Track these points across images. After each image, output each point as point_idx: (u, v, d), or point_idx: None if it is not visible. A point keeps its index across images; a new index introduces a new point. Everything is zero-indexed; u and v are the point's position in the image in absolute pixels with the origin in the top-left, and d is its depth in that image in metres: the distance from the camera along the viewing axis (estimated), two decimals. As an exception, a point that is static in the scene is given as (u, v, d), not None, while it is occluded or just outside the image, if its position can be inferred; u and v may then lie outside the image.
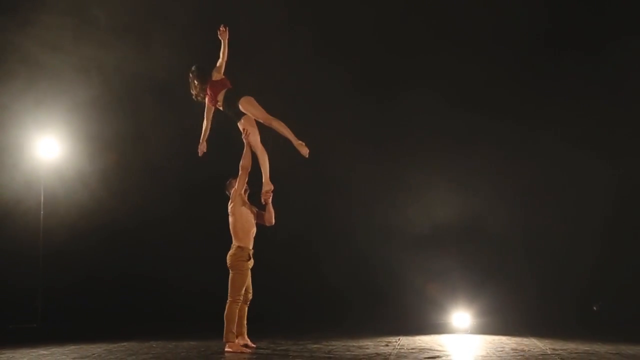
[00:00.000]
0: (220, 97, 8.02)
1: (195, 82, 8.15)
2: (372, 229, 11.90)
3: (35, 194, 11.67)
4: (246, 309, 8.04)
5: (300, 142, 7.86)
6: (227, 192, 8.11)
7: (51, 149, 11.63)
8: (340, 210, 11.76)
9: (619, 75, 11.43)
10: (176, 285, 11.60)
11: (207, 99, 8.15)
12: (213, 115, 8.22)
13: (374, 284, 11.82)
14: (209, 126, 8.23)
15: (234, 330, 7.68)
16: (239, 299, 7.74)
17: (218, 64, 8.15)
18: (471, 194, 11.83)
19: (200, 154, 8.18)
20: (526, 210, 11.72)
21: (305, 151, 7.87)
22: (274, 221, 8.11)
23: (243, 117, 7.95)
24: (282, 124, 7.89)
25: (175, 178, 11.70)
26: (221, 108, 8.11)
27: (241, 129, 7.98)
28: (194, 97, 8.23)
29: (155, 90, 11.83)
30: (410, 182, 12.02)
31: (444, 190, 11.84)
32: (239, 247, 7.87)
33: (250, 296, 8.02)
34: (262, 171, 7.98)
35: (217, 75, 8.10)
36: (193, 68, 8.19)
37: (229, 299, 7.74)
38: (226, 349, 7.63)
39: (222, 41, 8.18)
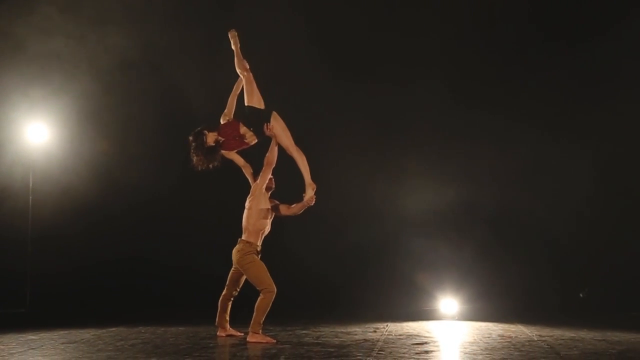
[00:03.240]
0: (242, 129, 7.62)
1: (194, 147, 7.61)
2: (360, 215, 11.90)
3: (24, 179, 11.63)
4: (230, 304, 7.92)
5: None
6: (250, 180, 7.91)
7: (40, 133, 11.58)
8: (328, 197, 11.74)
9: (598, 67, 11.50)
10: (166, 271, 11.57)
11: (225, 150, 7.73)
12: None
13: (362, 271, 11.84)
14: (246, 163, 8.00)
15: (262, 322, 7.52)
16: (272, 289, 7.50)
17: (227, 110, 7.81)
18: (459, 181, 11.84)
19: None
20: (514, 198, 11.75)
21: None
22: (299, 213, 7.88)
23: (273, 119, 7.59)
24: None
25: (167, 161, 11.66)
26: (250, 139, 7.69)
27: (266, 130, 7.63)
28: (199, 167, 7.67)
29: (147, 73, 11.77)
30: (398, 169, 12.02)
31: (432, 177, 11.85)
32: (247, 242, 7.68)
33: (235, 293, 7.94)
34: (303, 174, 7.61)
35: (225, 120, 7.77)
36: (190, 137, 7.66)
37: (262, 291, 7.52)
38: (248, 339, 7.53)
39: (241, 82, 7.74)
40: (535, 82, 11.66)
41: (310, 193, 7.65)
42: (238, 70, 7.80)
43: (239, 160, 8.01)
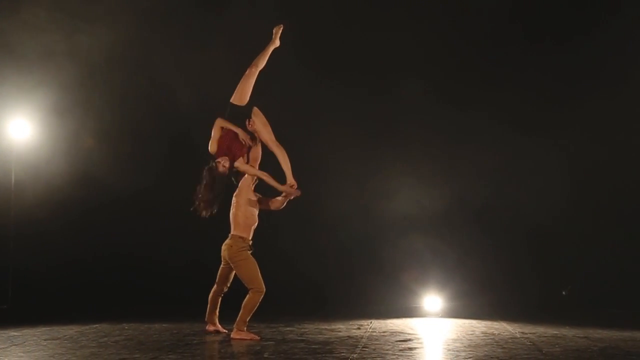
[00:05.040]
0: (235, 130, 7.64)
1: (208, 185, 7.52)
2: (345, 213, 11.90)
3: (5, 174, 11.52)
4: (220, 300, 7.90)
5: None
6: (233, 179, 7.83)
7: (23, 129, 11.48)
8: (313, 195, 11.75)
9: (578, 67, 11.61)
10: (151, 267, 11.52)
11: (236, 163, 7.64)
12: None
13: (347, 268, 11.86)
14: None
15: (247, 320, 7.51)
16: (262, 289, 7.49)
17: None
18: (443, 180, 11.90)
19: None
20: (497, 197, 11.81)
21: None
22: (281, 208, 7.91)
23: (253, 115, 7.68)
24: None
25: (150, 155, 11.64)
26: (246, 138, 7.66)
27: (249, 126, 7.69)
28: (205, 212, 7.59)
29: (131, 69, 11.72)
30: (384, 169, 12.06)
31: (416, 176, 11.88)
32: (239, 237, 7.63)
33: (225, 289, 7.90)
34: (284, 169, 7.63)
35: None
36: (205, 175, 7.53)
37: (251, 290, 7.50)
38: (232, 335, 7.51)
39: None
40: (517, 81, 11.71)
41: (288, 188, 7.66)
42: (255, 62, 7.82)
43: (253, 170, 7.78)
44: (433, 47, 11.74)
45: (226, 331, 7.85)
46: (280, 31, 8.00)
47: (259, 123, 7.67)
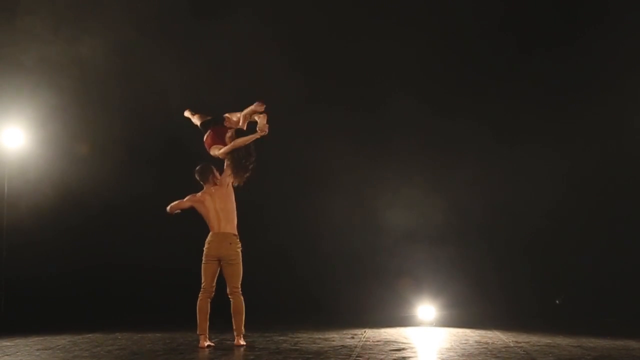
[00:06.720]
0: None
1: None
2: (339, 223, 11.93)
3: (-1, 184, 11.53)
4: (209, 305, 7.64)
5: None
6: (200, 177, 7.80)
7: (16, 138, 11.45)
8: (308, 204, 11.78)
9: (568, 77, 11.73)
10: (143, 276, 11.51)
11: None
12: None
13: (341, 277, 11.86)
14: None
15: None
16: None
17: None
18: (437, 191, 11.94)
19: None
20: (490, 207, 11.85)
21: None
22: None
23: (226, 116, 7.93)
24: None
25: (143, 164, 11.65)
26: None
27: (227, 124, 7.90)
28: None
29: (123, 76, 11.74)
30: (377, 178, 12.10)
31: (410, 187, 11.93)
32: (236, 236, 7.62)
33: (214, 290, 7.66)
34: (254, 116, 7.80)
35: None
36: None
37: (238, 291, 7.50)
38: (242, 342, 7.50)
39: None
40: (509, 91, 11.79)
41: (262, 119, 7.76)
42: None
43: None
44: (427, 60, 11.80)
45: (213, 344, 7.71)
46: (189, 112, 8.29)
47: (232, 118, 7.88)
